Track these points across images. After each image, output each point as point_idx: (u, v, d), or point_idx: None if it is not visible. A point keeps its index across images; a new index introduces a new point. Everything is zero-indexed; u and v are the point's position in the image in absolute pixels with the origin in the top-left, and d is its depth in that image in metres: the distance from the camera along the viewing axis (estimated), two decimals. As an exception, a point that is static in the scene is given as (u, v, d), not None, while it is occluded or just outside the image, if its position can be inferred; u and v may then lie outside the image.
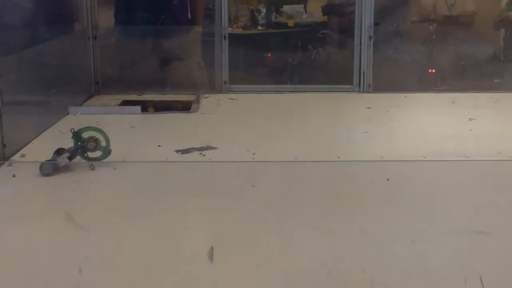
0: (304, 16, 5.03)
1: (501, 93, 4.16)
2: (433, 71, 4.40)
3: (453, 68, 4.46)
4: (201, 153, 2.96)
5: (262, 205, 2.33)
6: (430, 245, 1.99)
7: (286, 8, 5.01)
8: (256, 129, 3.45)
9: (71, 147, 2.70)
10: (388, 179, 2.57)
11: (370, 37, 4.22)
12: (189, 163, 2.85)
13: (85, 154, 2.70)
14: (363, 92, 4.25)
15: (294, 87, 4.34)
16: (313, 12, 5.09)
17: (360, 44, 4.24)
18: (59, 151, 2.69)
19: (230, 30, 4.45)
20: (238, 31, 4.78)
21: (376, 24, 4.23)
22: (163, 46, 4.47)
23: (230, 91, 4.29)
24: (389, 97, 4.11)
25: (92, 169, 2.67)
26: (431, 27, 4.57)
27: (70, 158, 2.67)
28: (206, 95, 4.17)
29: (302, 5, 5.08)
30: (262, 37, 4.71)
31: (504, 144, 3.06)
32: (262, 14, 4.92)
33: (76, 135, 2.70)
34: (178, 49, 4.48)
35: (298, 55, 4.49)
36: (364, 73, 4.25)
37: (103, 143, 2.72)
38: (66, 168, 2.65)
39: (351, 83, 4.29)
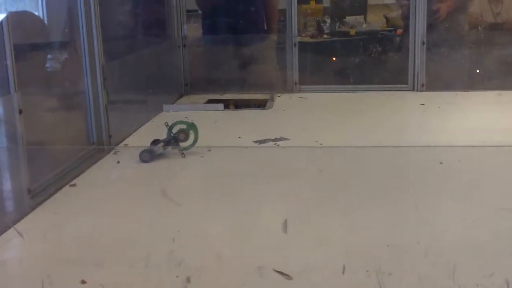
0: (364, 25, 5.01)
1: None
2: (480, 71, 4.27)
3: (498, 68, 4.29)
4: (275, 143, 2.94)
5: (328, 186, 2.31)
6: (480, 221, 1.93)
7: (348, 18, 5.00)
8: (323, 122, 3.42)
9: (165, 138, 2.73)
10: (441, 163, 2.50)
11: (423, 43, 4.12)
12: (265, 150, 2.85)
13: (177, 144, 2.72)
14: (417, 90, 4.15)
15: (355, 87, 4.27)
16: (372, 22, 5.07)
17: (414, 49, 4.14)
18: (155, 141, 2.73)
19: (299, 38, 4.44)
20: (307, 39, 4.81)
21: (430, 25, 4.14)
22: (242, 53, 4.50)
23: (300, 90, 4.27)
24: (441, 95, 4.00)
25: (183, 157, 2.69)
26: (479, 33, 4.47)
27: (164, 147, 2.70)
28: (279, 94, 4.17)
29: (362, 16, 5.07)
30: (327, 44, 4.72)
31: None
32: (327, 24, 4.93)
33: (170, 128, 2.75)
34: (255, 55, 4.50)
35: (358, 59, 4.44)
36: (417, 73, 4.16)
37: (192, 135, 2.75)
38: (161, 156, 2.68)
39: (406, 83, 4.20)
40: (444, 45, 4.26)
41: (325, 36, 4.81)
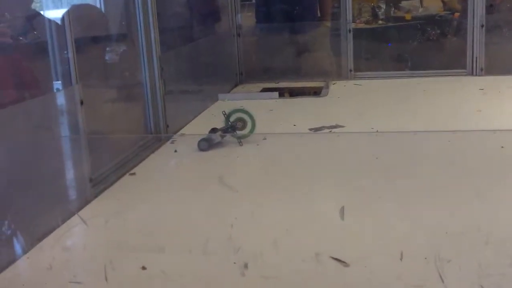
0: (420, 10, 4.89)
1: None
2: None
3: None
4: (331, 131, 2.91)
5: (385, 173, 2.27)
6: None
7: (403, 3, 4.88)
8: (379, 108, 3.38)
9: (223, 127, 2.75)
10: (502, 147, 2.44)
11: (482, 25, 4.02)
12: (321, 137, 2.84)
13: (235, 132, 2.73)
14: (476, 75, 4.05)
15: (411, 72, 4.22)
16: (428, 6, 4.93)
17: (473, 32, 4.04)
18: (213, 130, 2.75)
19: (354, 25, 4.38)
20: (361, 25, 4.71)
21: (490, 5, 4.03)
22: (297, 40, 4.48)
23: (355, 77, 4.25)
24: (501, 79, 3.89)
25: (240, 145, 2.70)
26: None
27: (222, 136, 2.72)
28: (334, 82, 4.15)
29: (418, 0, 4.94)
30: (382, 30, 4.60)
31: None
32: (382, 10, 4.81)
33: (227, 117, 2.76)
34: (309, 43, 4.47)
35: (414, 44, 4.36)
36: (476, 57, 4.05)
37: (249, 123, 2.75)
38: (219, 144, 2.70)
39: (464, 67, 4.11)
40: (505, 27, 4.13)
41: (380, 22, 4.70)
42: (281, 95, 3.90)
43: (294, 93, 4.01)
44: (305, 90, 4.03)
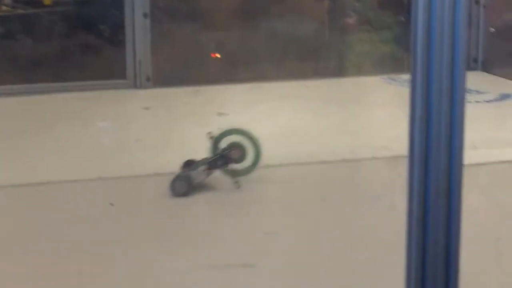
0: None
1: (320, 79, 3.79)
2: (217, 55, 3.95)
3: (260, 51, 4.06)
4: None
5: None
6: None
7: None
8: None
9: (206, 158, 2.40)
10: (112, 204, 2.28)
11: (146, 15, 3.62)
12: None
13: (228, 166, 2.41)
14: (140, 87, 3.72)
15: (49, 86, 3.76)
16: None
17: (134, 25, 3.66)
18: (187, 164, 2.42)
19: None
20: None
21: None
22: None
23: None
24: (174, 93, 3.67)
25: (237, 187, 2.38)
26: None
27: (208, 173, 2.39)
28: None
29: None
30: (7, 21, 4.17)
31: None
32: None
33: (215, 141, 2.43)
34: None
35: (54, 42, 3.97)
36: (140, 62, 3.69)
37: (252, 150, 2.43)
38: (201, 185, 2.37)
39: (124, 77, 3.73)
40: (179, 18, 3.92)
41: (4, 8, 4.16)
42: None
43: None
44: None
